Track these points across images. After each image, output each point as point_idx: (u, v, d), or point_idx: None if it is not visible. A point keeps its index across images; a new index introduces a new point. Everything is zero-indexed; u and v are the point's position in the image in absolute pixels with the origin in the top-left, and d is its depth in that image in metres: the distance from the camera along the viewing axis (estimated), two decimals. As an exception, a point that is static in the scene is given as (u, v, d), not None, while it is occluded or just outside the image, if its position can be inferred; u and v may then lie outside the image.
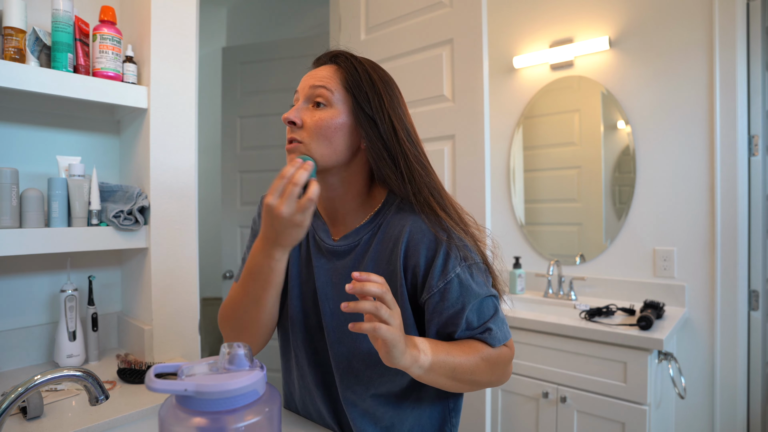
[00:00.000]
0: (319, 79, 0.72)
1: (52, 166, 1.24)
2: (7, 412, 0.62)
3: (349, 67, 0.73)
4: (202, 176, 2.68)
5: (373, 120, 0.70)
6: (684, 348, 1.74)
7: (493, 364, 0.70)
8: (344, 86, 0.71)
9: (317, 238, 0.79)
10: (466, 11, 1.44)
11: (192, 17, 1.33)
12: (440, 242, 0.70)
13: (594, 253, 1.98)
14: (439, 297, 0.69)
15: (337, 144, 0.71)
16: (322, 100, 0.71)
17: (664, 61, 1.80)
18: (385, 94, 0.72)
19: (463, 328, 0.70)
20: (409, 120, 0.75)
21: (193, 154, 1.35)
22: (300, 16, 2.92)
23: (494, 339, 0.71)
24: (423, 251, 0.70)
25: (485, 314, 0.72)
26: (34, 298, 1.26)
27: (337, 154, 0.71)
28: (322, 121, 0.70)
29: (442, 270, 0.69)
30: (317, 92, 0.71)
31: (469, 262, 0.71)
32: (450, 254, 0.69)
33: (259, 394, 0.47)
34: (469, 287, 0.69)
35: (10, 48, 1.05)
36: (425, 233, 0.70)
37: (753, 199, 1.68)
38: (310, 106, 0.72)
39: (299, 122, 0.71)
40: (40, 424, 0.88)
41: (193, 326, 1.33)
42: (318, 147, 0.70)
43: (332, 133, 0.70)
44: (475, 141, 1.43)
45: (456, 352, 0.67)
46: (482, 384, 0.71)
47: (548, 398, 1.61)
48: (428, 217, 0.71)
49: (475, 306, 0.70)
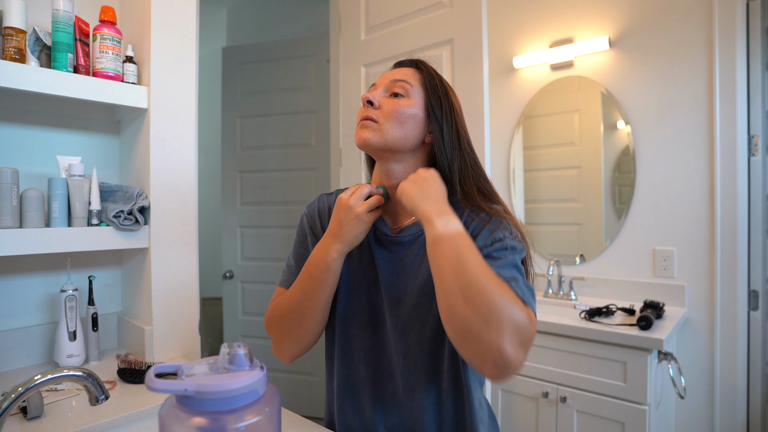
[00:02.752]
0: (401, 74, 0.79)
1: (52, 166, 1.24)
2: (8, 411, 0.62)
3: (428, 71, 0.81)
4: (202, 176, 2.68)
5: (442, 118, 0.77)
6: (684, 348, 1.74)
7: (505, 293, 0.58)
8: (422, 84, 0.79)
9: (377, 232, 0.81)
10: (466, 11, 1.44)
11: (192, 17, 1.33)
12: (495, 226, 0.72)
13: (594, 253, 1.98)
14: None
15: (408, 130, 0.76)
16: (401, 91, 0.77)
17: (664, 61, 1.80)
18: (454, 102, 0.80)
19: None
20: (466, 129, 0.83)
21: (193, 154, 1.35)
22: (300, 16, 2.92)
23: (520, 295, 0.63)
24: (484, 235, 0.71)
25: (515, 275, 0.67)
26: (34, 298, 1.26)
27: (405, 139, 0.77)
28: (399, 106, 0.76)
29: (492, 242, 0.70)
30: (398, 84, 0.78)
31: (517, 242, 0.72)
32: (503, 231, 0.71)
33: (259, 394, 0.48)
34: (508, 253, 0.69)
35: (10, 48, 1.05)
36: (483, 220, 0.73)
37: (753, 199, 1.68)
38: (387, 94, 0.78)
39: (377, 103, 0.77)
40: (40, 424, 0.88)
41: (193, 326, 1.34)
42: (390, 128, 0.75)
43: (405, 119, 0.76)
44: (475, 141, 1.42)
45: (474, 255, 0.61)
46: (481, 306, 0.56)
47: (548, 398, 1.61)
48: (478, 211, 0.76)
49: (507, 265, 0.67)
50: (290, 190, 2.55)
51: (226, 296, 2.66)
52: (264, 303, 2.59)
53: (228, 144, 2.66)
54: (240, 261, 2.64)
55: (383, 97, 0.78)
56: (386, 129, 0.75)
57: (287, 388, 2.57)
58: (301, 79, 2.54)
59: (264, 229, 2.60)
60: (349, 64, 1.83)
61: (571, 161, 2.04)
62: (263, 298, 2.60)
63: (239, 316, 2.65)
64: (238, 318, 2.65)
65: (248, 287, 2.63)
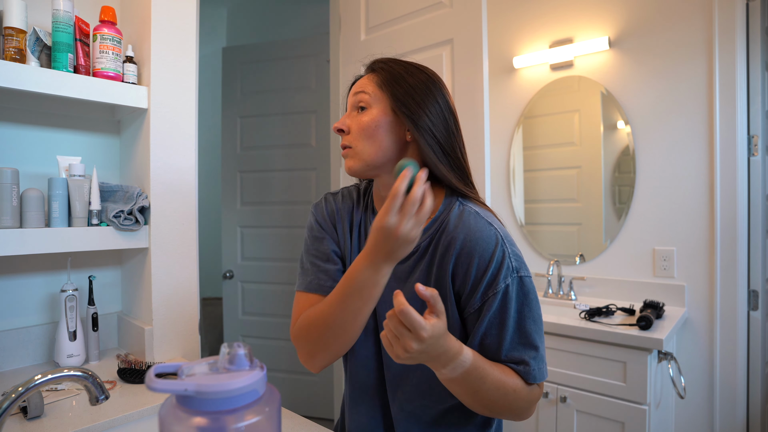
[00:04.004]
0: (359, 87, 0.78)
1: (52, 166, 1.24)
2: (8, 411, 0.62)
3: (382, 68, 0.77)
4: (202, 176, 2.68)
5: (412, 109, 0.73)
6: (684, 348, 1.74)
7: (520, 397, 0.69)
8: (379, 86, 0.76)
9: None
10: (466, 11, 1.44)
11: (192, 17, 1.33)
12: (494, 250, 0.70)
13: (594, 253, 1.98)
14: (480, 307, 0.70)
15: (381, 140, 0.74)
16: (363, 104, 0.76)
17: (664, 61, 1.80)
18: (421, 85, 0.74)
19: (504, 347, 0.69)
20: (453, 109, 0.78)
21: (193, 154, 1.35)
22: (300, 16, 2.92)
23: (529, 375, 0.69)
24: (476, 261, 0.70)
25: (526, 340, 0.70)
26: (34, 298, 1.26)
27: (383, 149, 0.74)
28: (363, 122, 0.75)
29: (492, 278, 0.69)
30: (357, 98, 0.77)
31: (521, 274, 0.71)
32: (504, 261, 0.70)
33: (259, 394, 0.48)
34: (512, 303, 0.69)
35: (10, 48, 1.05)
36: (478, 242, 0.70)
37: (752, 199, 1.68)
38: (355, 112, 0.77)
39: (346, 129, 0.77)
40: (40, 423, 0.88)
41: (193, 326, 1.34)
42: (364, 147, 0.74)
43: (374, 131, 0.74)
44: (475, 141, 1.43)
45: (490, 368, 0.66)
46: (502, 412, 0.70)
47: (548, 398, 1.61)
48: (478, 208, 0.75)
49: (513, 327, 0.69)
50: (290, 190, 2.55)
51: (226, 296, 2.66)
52: (264, 303, 2.59)
53: (228, 144, 2.66)
54: (240, 261, 2.64)
55: (351, 116, 0.77)
56: (360, 150, 0.75)
57: (287, 388, 2.57)
58: (301, 79, 2.54)
59: (264, 229, 2.60)
60: (349, 64, 1.83)
61: (571, 161, 2.04)
62: (263, 298, 2.60)
63: (239, 316, 2.65)
64: (238, 318, 2.65)
65: (248, 287, 2.63)
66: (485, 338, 0.70)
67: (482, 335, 0.70)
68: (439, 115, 0.74)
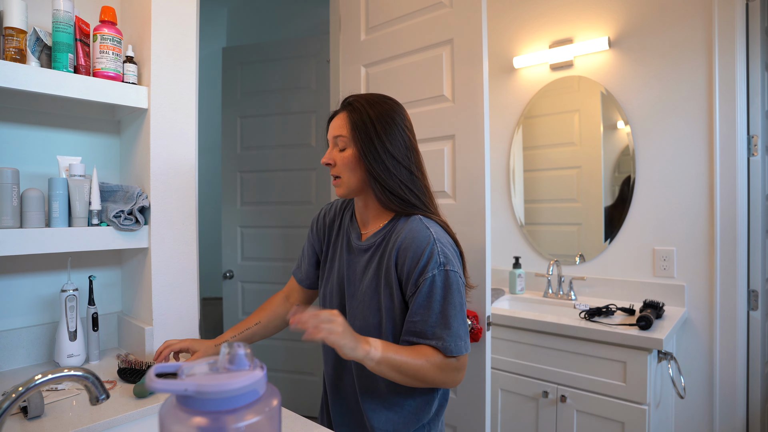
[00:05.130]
0: (336, 129, 0.95)
1: (52, 166, 1.24)
2: (8, 411, 0.62)
3: (354, 111, 0.94)
4: (202, 176, 2.68)
5: (365, 147, 0.92)
6: (683, 348, 1.74)
7: (440, 369, 0.86)
8: (353, 128, 0.93)
9: (350, 239, 1.01)
10: (466, 11, 1.44)
11: (192, 17, 1.33)
12: (425, 247, 0.87)
13: (594, 253, 1.98)
14: (414, 292, 0.88)
15: (360, 173, 0.94)
16: (342, 144, 0.95)
17: (663, 61, 1.80)
18: (380, 130, 0.92)
19: (428, 325, 0.86)
20: (411, 143, 0.96)
21: (193, 154, 1.35)
22: (300, 16, 2.92)
23: (446, 350, 0.86)
24: (410, 254, 0.88)
25: (445, 321, 0.86)
26: (34, 298, 1.26)
27: (362, 180, 0.95)
28: (344, 159, 0.94)
29: (421, 270, 0.87)
30: (337, 141, 0.95)
31: (447, 267, 0.87)
32: (432, 257, 0.87)
33: (259, 394, 0.48)
34: (437, 290, 0.86)
35: (10, 48, 1.05)
36: (414, 240, 0.89)
37: (752, 199, 1.68)
38: (336, 149, 0.96)
39: (333, 162, 0.96)
40: (40, 423, 0.88)
41: (193, 326, 1.34)
42: (348, 178, 0.95)
43: (354, 165, 0.93)
44: (475, 141, 1.43)
45: (404, 352, 0.84)
46: (430, 383, 0.88)
47: (548, 398, 1.61)
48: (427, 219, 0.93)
49: (437, 310, 0.86)
50: (290, 190, 2.55)
51: (226, 296, 2.66)
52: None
53: (228, 144, 2.66)
54: (240, 261, 2.64)
55: (335, 151, 0.95)
56: (346, 180, 0.95)
57: (287, 388, 2.57)
58: (301, 79, 2.54)
59: (264, 229, 2.60)
60: (349, 64, 1.83)
61: (571, 161, 2.04)
62: (263, 298, 2.58)
63: (239, 316, 2.65)
64: (238, 318, 2.65)
65: (248, 287, 2.63)
66: (415, 316, 0.87)
67: (413, 314, 0.88)
68: (398, 152, 0.93)
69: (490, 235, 1.40)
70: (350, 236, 1.01)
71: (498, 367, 1.74)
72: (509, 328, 1.71)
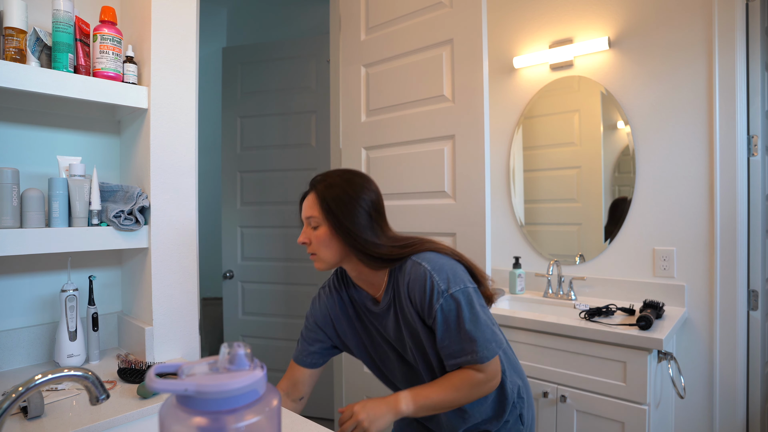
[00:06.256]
0: (308, 211, 1.00)
1: (52, 166, 1.24)
2: (8, 411, 0.62)
3: (321, 193, 0.98)
4: (202, 176, 2.68)
5: (335, 224, 0.97)
6: (683, 348, 1.74)
7: (472, 386, 0.93)
8: (322, 208, 0.98)
9: (368, 307, 1.06)
10: (466, 11, 1.44)
11: (192, 17, 1.34)
12: (424, 283, 0.94)
13: (594, 253, 1.98)
14: (433, 323, 0.95)
15: (334, 248, 0.99)
16: (314, 224, 0.99)
17: (663, 61, 1.80)
18: (344, 206, 0.97)
19: (456, 346, 0.93)
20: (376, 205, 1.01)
21: (193, 154, 1.35)
22: (300, 16, 2.92)
23: (478, 360, 0.92)
24: (417, 294, 0.95)
25: (467, 336, 0.92)
26: (34, 298, 1.26)
27: (338, 253, 0.99)
28: (318, 238, 0.99)
29: (429, 305, 0.93)
30: (310, 221, 1.00)
31: (450, 291, 0.93)
32: (433, 288, 0.93)
33: (259, 394, 0.48)
34: (450, 315, 0.93)
35: (10, 48, 1.05)
36: (415, 281, 0.95)
37: (752, 200, 1.68)
38: (310, 228, 1.00)
39: (308, 241, 1.00)
40: (40, 423, 0.88)
41: (193, 326, 1.34)
42: (324, 254, 0.99)
43: (328, 242, 0.98)
44: (475, 141, 1.43)
45: (435, 390, 0.93)
46: (471, 399, 0.95)
47: (548, 398, 1.61)
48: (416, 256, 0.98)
49: (455, 330, 0.93)
50: (290, 191, 2.55)
51: (226, 296, 2.66)
52: (264, 303, 2.59)
53: (228, 144, 2.66)
54: (240, 261, 2.64)
55: (309, 231, 1.00)
56: (323, 256, 0.99)
57: (287, 388, 2.57)
58: (301, 79, 2.54)
59: (264, 229, 2.60)
60: (349, 65, 1.83)
61: (571, 161, 2.04)
62: (263, 298, 2.60)
63: (239, 316, 2.65)
64: (238, 318, 2.65)
65: (248, 287, 2.63)
66: (443, 342, 0.94)
67: (440, 340, 0.94)
68: (362, 225, 0.97)
69: (490, 235, 1.40)
70: (367, 304, 1.06)
71: (498, 367, 1.74)
72: (509, 328, 1.71)
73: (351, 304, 1.10)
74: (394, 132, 1.66)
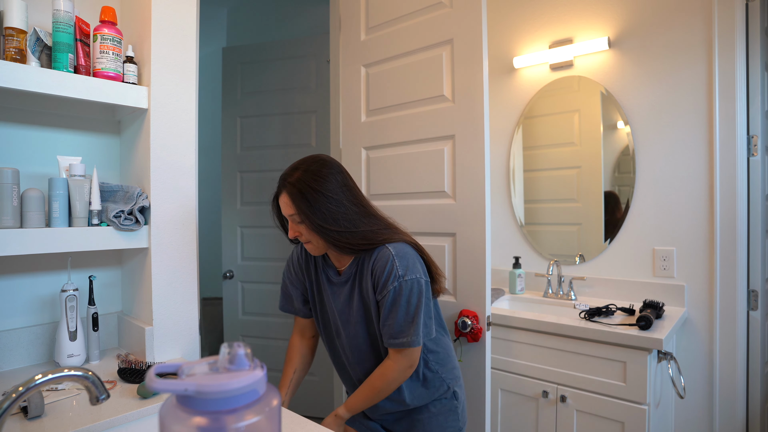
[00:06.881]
0: (285, 208, 1.09)
1: (52, 166, 1.24)
2: (8, 411, 0.62)
3: (292, 193, 1.07)
4: (202, 176, 2.68)
5: (310, 215, 1.05)
6: (683, 348, 1.74)
7: (389, 382, 1.10)
8: (296, 208, 1.06)
9: (329, 276, 1.19)
10: (466, 11, 1.44)
11: (192, 17, 1.34)
12: (386, 265, 1.06)
13: (594, 253, 1.98)
14: (382, 300, 1.08)
15: (319, 239, 1.08)
16: (297, 219, 1.08)
17: (663, 61, 1.80)
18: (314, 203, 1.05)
19: (396, 326, 1.06)
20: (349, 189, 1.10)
21: (193, 154, 1.35)
22: (300, 16, 2.92)
23: (409, 344, 1.06)
24: (377, 273, 1.07)
25: (410, 320, 1.06)
26: (34, 298, 1.26)
27: (324, 243, 1.09)
28: (306, 230, 1.09)
29: (384, 283, 1.06)
30: (292, 217, 1.09)
31: (406, 278, 1.05)
32: (392, 270, 1.05)
33: (259, 393, 0.48)
34: (400, 298, 1.05)
35: (10, 48, 1.05)
36: (378, 261, 1.08)
37: (752, 200, 1.68)
38: (295, 224, 1.09)
39: (299, 234, 1.10)
40: (40, 423, 0.88)
41: (193, 326, 1.34)
42: (318, 241, 1.09)
43: (312, 235, 1.08)
44: (475, 141, 1.43)
45: (364, 392, 1.11)
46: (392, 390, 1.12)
47: (548, 398, 1.61)
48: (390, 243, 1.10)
49: (402, 312, 1.05)
50: (290, 190, 2.54)
51: (226, 296, 2.66)
52: (264, 303, 2.59)
53: (228, 144, 2.66)
54: (240, 261, 2.64)
55: (296, 226, 1.09)
56: (316, 244, 1.10)
57: (287, 388, 2.57)
58: (301, 79, 2.54)
59: (264, 229, 2.60)
60: (349, 65, 1.83)
61: (571, 161, 2.04)
62: (263, 298, 2.60)
63: (239, 316, 2.65)
64: (238, 318, 2.65)
65: (248, 287, 2.63)
66: (386, 320, 1.07)
67: (383, 318, 1.08)
68: (335, 216, 1.06)
69: (490, 235, 1.40)
70: (329, 274, 1.19)
71: (498, 367, 1.74)
72: (509, 328, 1.71)
73: (314, 269, 1.22)
74: (394, 132, 1.66)
